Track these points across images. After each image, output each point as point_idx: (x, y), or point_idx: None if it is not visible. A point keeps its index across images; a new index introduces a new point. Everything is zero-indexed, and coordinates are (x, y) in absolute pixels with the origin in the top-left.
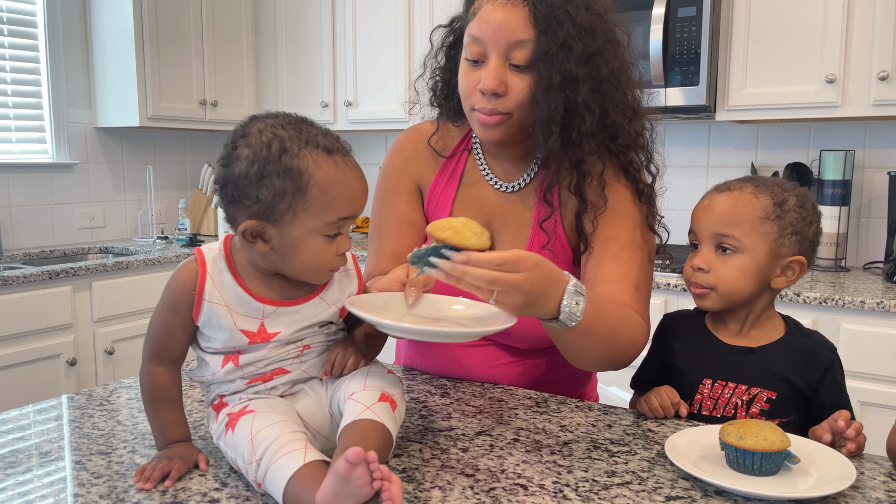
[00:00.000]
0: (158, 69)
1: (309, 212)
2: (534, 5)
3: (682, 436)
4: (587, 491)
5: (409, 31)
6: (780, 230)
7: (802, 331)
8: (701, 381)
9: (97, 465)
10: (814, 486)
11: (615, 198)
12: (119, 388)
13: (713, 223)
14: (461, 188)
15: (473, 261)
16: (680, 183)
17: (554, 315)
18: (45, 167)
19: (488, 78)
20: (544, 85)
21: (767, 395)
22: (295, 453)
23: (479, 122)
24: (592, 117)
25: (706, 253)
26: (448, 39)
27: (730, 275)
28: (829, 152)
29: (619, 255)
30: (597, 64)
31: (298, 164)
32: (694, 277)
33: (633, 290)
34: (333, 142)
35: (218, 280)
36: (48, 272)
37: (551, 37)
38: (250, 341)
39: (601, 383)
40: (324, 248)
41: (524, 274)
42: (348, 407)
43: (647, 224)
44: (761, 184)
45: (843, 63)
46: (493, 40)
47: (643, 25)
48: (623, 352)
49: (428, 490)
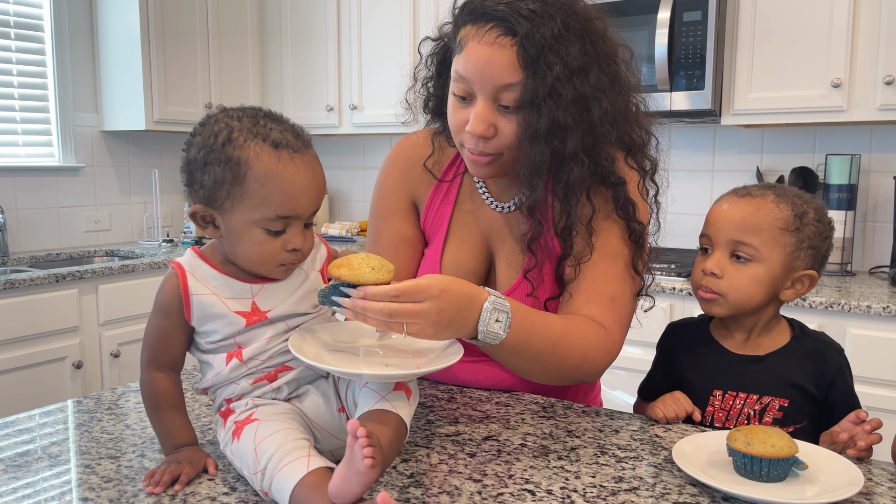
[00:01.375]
0: (164, 73)
1: (247, 203)
2: (522, 45)
3: (690, 441)
4: (595, 497)
5: (413, 35)
6: (798, 243)
7: (809, 333)
8: (711, 393)
9: (106, 470)
10: (822, 493)
11: (604, 236)
12: (127, 392)
13: (732, 229)
14: (457, 206)
15: (370, 295)
16: (685, 187)
17: (474, 335)
18: (51, 170)
19: (475, 122)
20: (530, 134)
21: (780, 403)
22: (298, 461)
23: (469, 160)
24: (581, 167)
25: (720, 258)
26: (437, 51)
27: (743, 283)
28: (834, 157)
29: (598, 264)
30: (588, 108)
31: (239, 155)
32: (705, 281)
33: (607, 300)
34: (288, 137)
35: (199, 274)
36: (54, 275)
37: (539, 82)
38: (248, 322)
39: (605, 387)
40: (265, 241)
41: (428, 303)
42: (363, 396)
43: (633, 265)
44: (782, 193)
45: (848, 67)
46: (480, 82)
47: (648, 29)
48: (575, 368)
49: (436, 495)
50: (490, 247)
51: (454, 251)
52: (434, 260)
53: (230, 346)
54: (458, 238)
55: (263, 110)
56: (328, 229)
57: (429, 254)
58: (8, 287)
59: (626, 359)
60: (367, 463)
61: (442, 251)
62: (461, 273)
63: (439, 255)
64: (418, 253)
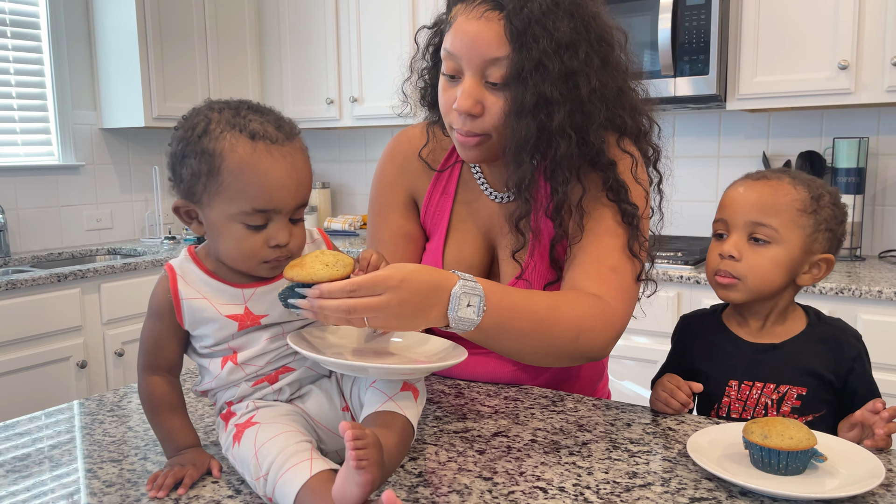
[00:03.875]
0: (163, 69)
1: (223, 196)
2: (509, 19)
3: (704, 434)
4: (609, 493)
5: (413, 24)
6: (816, 225)
7: (825, 320)
8: (727, 383)
9: (109, 474)
10: (842, 486)
11: (597, 218)
12: (130, 393)
13: (749, 210)
14: (457, 198)
15: (325, 293)
16: (690, 174)
17: (446, 323)
18: (51, 169)
19: (462, 98)
20: (516, 108)
21: (797, 392)
22: (301, 465)
23: (458, 143)
24: (568, 143)
25: (737, 241)
26: (434, 41)
27: (762, 266)
28: (842, 140)
29: (594, 242)
30: (576, 83)
31: (213, 147)
32: (723, 265)
33: (608, 270)
34: (268, 128)
35: (190, 279)
36: (57, 275)
37: (525, 55)
38: (240, 326)
39: (613, 377)
40: (245, 237)
41: (386, 295)
42: (369, 396)
43: (629, 248)
44: (797, 176)
45: (855, 49)
46: (467, 56)
47: (651, 14)
48: (572, 342)
49: (446, 494)
50: (491, 238)
51: (456, 245)
52: (436, 255)
53: (225, 351)
54: (460, 232)
55: (249, 102)
56: (330, 223)
57: (430, 248)
58: (10, 287)
59: (633, 348)
60: (353, 465)
61: (444, 246)
62: (464, 266)
63: (441, 249)
64: (419, 248)
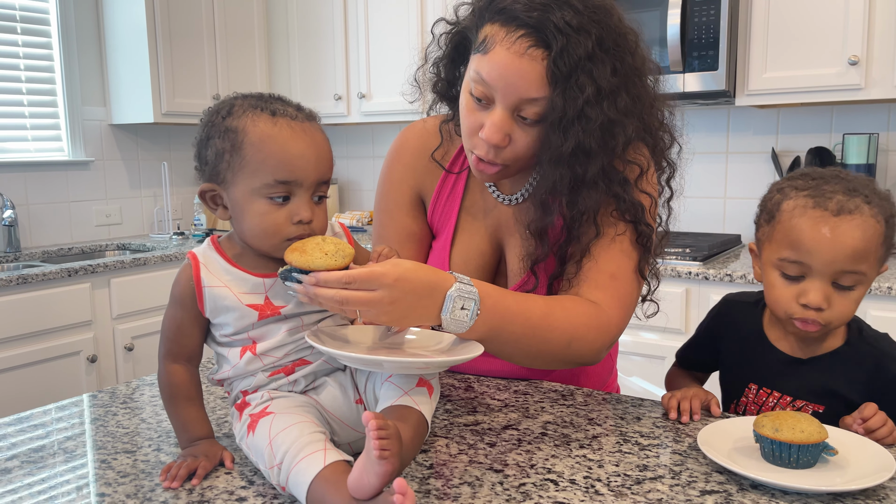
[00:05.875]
0: (172, 65)
1: (246, 170)
2: (554, 62)
3: (714, 428)
4: (619, 486)
5: (421, 20)
6: (887, 251)
7: (867, 338)
8: (747, 385)
9: (123, 464)
10: (853, 479)
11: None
12: (142, 386)
13: (844, 260)
14: (465, 200)
15: (322, 281)
16: (698, 170)
17: (439, 323)
18: (61, 165)
19: (491, 131)
20: (554, 156)
21: (813, 409)
22: (315, 455)
23: (475, 166)
24: (597, 194)
25: (824, 289)
26: (453, 38)
27: (850, 309)
28: (852, 136)
29: (599, 244)
30: (613, 134)
31: (236, 124)
32: (807, 314)
33: (606, 277)
34: (288, 109)
35: (213, 267)
36: (67, 269)
37: (569, 102)
38: (260, 316)
39: (622, 373)
40: (268, 212)
41: (380, 292)
42: (385, 390)
43: (639, 270)
44: (870, 197)
45: (866, 44)
46: (504, 92)
47: (660, 10)
48: (564, 348)
49: (457, 486)
50: (499, 239)
51: (463, 246)
52: (443, 254)
53: (245, 341)
54: (467, 232)
55: (275, 95)
56: (338, 220)
57: (437, 247)
58: (21, 282)
59: (641, 344)
60: (376, 455)
61: (451, 245)
62: (470, 267)
63: (448, 249)
64: (424, 247)
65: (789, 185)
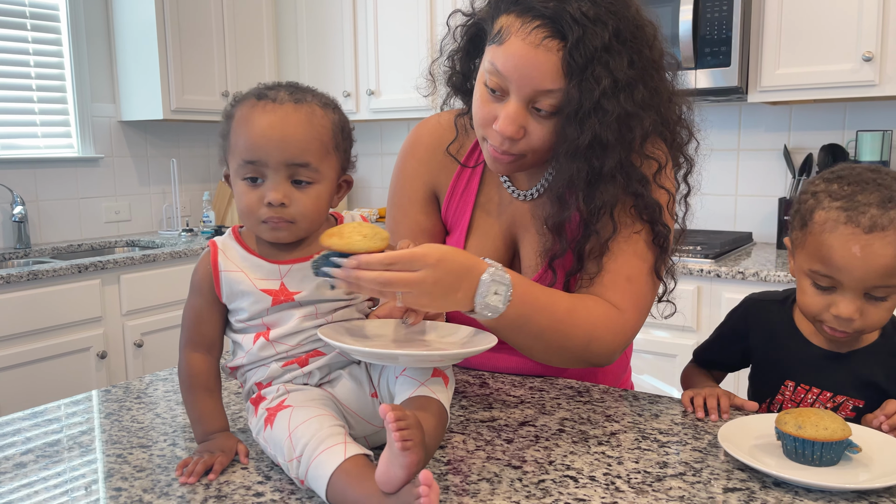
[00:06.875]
0: (181, 62)
1: (231, 153)
2: (570, 53)
3: (735, 425)
4: (640, 483)
5: (430, 16)
6: None
7: None
8: (783, 382)
9: (138, 459)
10: (877, 477)
11: (626, 233)
12: (155, 381)
13: (875, 278)
14: (480, 196)
15: (364, 264)
16: (710, 167)
17: (472, 308)
18: (70, 161)
19: (505, 122)
20: (570, 149)
21: (854, 404)
22: (335, 448)
23: (490, 156)
24: (614, 188)
25: (855, 301)
26: (469, 30)
27: (883, 318)
28: (865, 133)
29: (616, 243)
30: (630, 126)
31: (232, 109)
32: (838, 324)
33: (623, 279)
34: (280, 93)
35: (231, 253)
36: (77, 266)
37: (585, 94)
38: (274, 301)
39: (633, 371)
40: (244, 192)
41: (423, 272)
42: (401, 384)
43: (655, 270)
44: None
45: (880, 40)
46: (518, 84)
47: (672, 6)
48: (582, 348)
49: (476, 482)
50: (514, 234)
51: (477, 242)
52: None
53: (259, 327)
54: (482, 228)
55: (288, 82)
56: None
57: (451, 244)
58: (31, 278)
59: (653, 342)
60: (398, 446)
61: (465, 240)
62: None
63: (462, 246)
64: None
65: (824, 192)
